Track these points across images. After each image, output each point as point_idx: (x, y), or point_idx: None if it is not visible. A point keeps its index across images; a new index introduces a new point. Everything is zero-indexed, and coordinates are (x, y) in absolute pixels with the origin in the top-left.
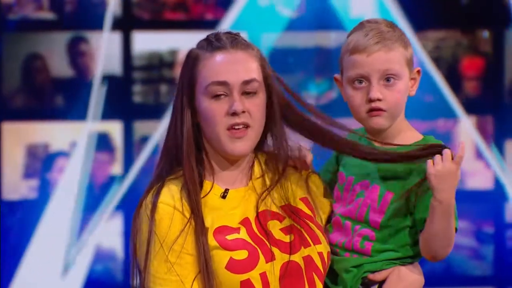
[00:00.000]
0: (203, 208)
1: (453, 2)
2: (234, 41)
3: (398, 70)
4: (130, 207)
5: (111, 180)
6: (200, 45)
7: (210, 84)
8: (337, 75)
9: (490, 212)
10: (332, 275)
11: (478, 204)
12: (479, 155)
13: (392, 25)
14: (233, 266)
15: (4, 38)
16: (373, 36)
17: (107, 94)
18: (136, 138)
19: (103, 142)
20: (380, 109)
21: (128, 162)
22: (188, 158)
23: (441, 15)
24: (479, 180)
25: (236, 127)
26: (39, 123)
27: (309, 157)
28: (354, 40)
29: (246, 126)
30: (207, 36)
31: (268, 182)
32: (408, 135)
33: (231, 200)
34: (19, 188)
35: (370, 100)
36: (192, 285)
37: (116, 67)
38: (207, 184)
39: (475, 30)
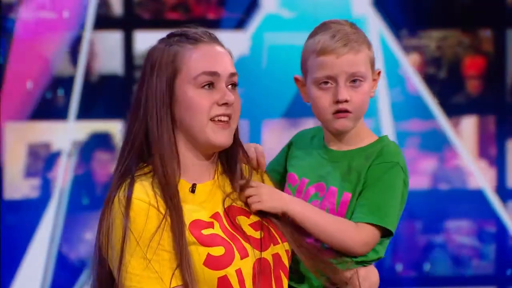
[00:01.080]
0: None
1: (455, 1)
2: (211, 35)
3: (364, 72)
4: None
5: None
6: (172, 40)
7: (201, 74)
8: (298, 76)
9: (492, 211)
10: (294, 273)
11: (480, 203)
12: (481, 154)
13: (356, 27)
14: (211, 262)
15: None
16: (341, 38)
17: (109, 93)
18: None
19: (104, 142)
20: (346, 111)
21: None
22: (169, 152)
23: (443, 14)
24: (481, 179)
25: (223, 118)
26: (40, 122)
27: (262, 152)
28: (321, 42)
29: (230, 117)
30: (174, 32)
31: (230, 178)
32: (364, 137)
33: (200, 194)
34: (20, 187)
35: (338, 102)
36: (170, 281)
37: (117, 66)
38: None
39: (477, 30)
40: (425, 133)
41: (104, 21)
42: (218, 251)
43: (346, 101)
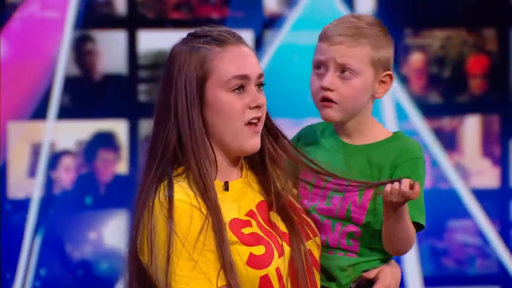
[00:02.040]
0: None
1: (459, 1)
2: (237, 36)
3: (356, 67)
4: None
5: (117, 179)
6: (197, 42)
7: (233, 78)
8: None
9: (496, 210)
10: (323, 273)
11: (484, 202)
12: (484, 153)
13: (374, 24)
14: (254, 262)
15: None
16: (342, 28)
17: (113, 92)
18: (142, 137)
19: (108, 141)
20: (330, 100)
21: (134, 161)
22: (206, 152)
23: (447, 14)
24: (484, 178)
25: (255, 121)
26: (45, 122)
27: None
28: (325, 28)
29: (260, 120)
30: (198, 33)
31: (258, 173)
32: (378, 131)
33: (232, 192)
34: (24, 186)
35: (322, 87)
36: (217, 281)
37: (121, 66)
38: None
39: (481, 29)
40: (428, 132)
41: (108, 20)
42: (259, 250)
43: (329, 89)
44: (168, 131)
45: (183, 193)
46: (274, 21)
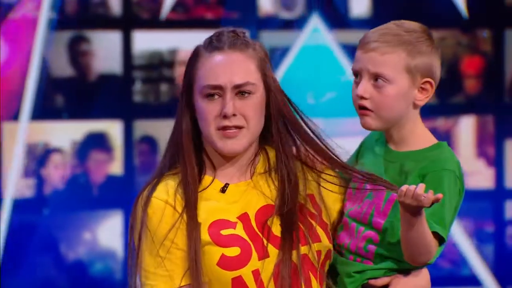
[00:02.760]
0: (200, 203)
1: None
2: (233, 41)
3: (390, 75)
4: (129, 206)
5: (110, 180)
6: (204, 43)
7: (205, 87)
8: None
9: (491, 211)
10: (334, 274)
11: (478, 203)
12: (479, 154)
13: (415, 30)
14: (225, 263)
15: None
16: (377, 35)
17: (107, 93)
18: (136, 138)
19: (102, 142)
20: (365, 108)
21: (128, 161)
22: (187, 153)
23: (441, 14)
24: (479, 179)
25: (228, 129)
26: (39, 122)
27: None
28: (365, 34)
29: (239, 127)
30: (213, 34)
31: (273, 177)
32: (423, 139)
33: (231, 195)
34: (18, 187)
35: (357, 95)
36: (181, 280)
37: (116, 66)
38: (207, 179)
39: (475, 30)
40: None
41: (103, 21)
42: (233, 251)
43: (363, 97)
44: (172, 130)
45: (164, 191)
46: (269, 22)
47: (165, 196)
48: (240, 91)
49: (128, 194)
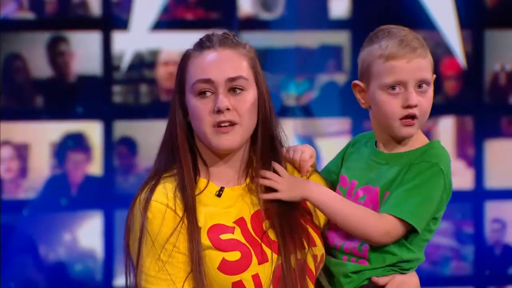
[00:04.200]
0: (197, 206)
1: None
2: (223, 40)
3: (429, 78)
4: (109, 206)
5: (90, 180)
6: (194, 45)
7: (196, 82)
8: (357, 82)
9: (470, 212)
10: (327, 275)
11: (458, 204)
12: (459, 155)
13: (417, 35)
14: (225, 267)
15: None
16: (409, 43)
17: (87, 94)
18: (116, 138)
19: (81, 142)
20: (414, 116)
21: (108, 162)
22: (183, 155)
23: (421, 15)
24: (459, 180)
25: (222, 124)
26: (19, 123)
27: (307, 156)
28: (390, 47)
29: (232, 123)
30: (203, 36)
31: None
32: (416, 140)
33: (227, 199)
34: None
35: (408, 106)
36: (183, 284)
37: (96, 67)
38: (202, 182)
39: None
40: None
41: (82, 22)
42: (233, 256)
43: (416, 105)
44: (165, 131)
45: (163, 194)
46: (248, 23)
47: (165, 199)
48: (233, 86)
49: (107, 194)
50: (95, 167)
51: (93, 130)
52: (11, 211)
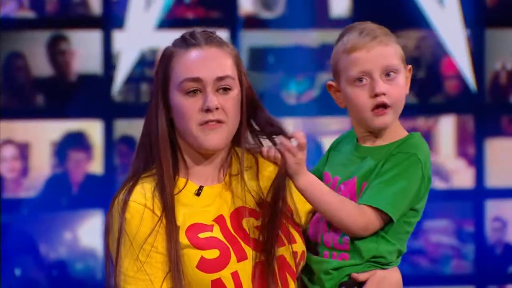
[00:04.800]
0: (176, 205)
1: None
2: (208, 38)
3: (397, 65)
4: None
5: (90, 179)
6: (175, 43)
7: (184, 81)
8: (331, 82)
9: (471, 210)
10: (308, 273)
11: (459, 202)
12: (459, 153)
13: (380, 26)
14: (204, 266)
15: None
16: (368, 33)
17: (88, 92)
18: (116, 137)
19: (82, 141)
20: (385, 104)
21: (108, 161)
22: (164, 154)
23: (422, 14)
24: (459, 178)
25: (211, 123)
26: (19, 122)
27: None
28: (350, 40)
29: (220, 122)
30: (183, 34)
31: (246, 179)
32: (396, 133)
33: (206, 197)
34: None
35: (376, 95)
36: (162, 284)
37: (96, 65)
38: (181, 181)
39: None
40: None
41: (83, 21)
42: (212, 254)
43: (384, 94)
44: (144, 131)
45: (141, 194)
46: (249, 22)
47: (143, 199)
48: (221, 85)
49: (108, 193)
50: (96, 166)
51: (93, 129)
52: (12, 210)
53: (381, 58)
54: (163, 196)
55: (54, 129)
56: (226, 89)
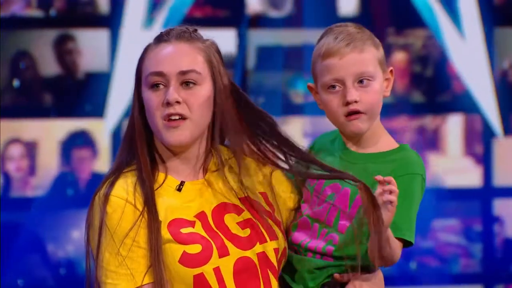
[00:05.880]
0: (157, 200)
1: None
2: (181, 34)
3: (372, 71)
4: None
5: (98, 178)
6: (154, 38)
7: (149, 75)
8: (310, 84)
9: (479, 210)
10: (290, 272)
11: (467, 202)
12: (467, 152)
13: (361, 27)
14: (186, 260)
15: None
16: (343, 38)
17: (95, 91)
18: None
19: (89, 140)
20: (358, 112)
21: (115, 158)
22: (140, 148)
23: (430, 11)
24: (467, 177)
25: (172, 117)
26: (27, 120)
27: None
28: (325, 45)
29: (183, 117)
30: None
31: (227, 175)
32: (384, 142)
33: (187, 193)
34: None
35: (347, 103)
36: (143, 278)
37: (104, 64)
38: (160, 176)
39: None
40: (411, 131)
41: (90, 20)
42: (194, 249)
43: (356, 101)
44: (127, 127)
45: (123, 188)
46: (257, 21)
47: (124, 194)
48: (185, 80)
49: None
50: (103, 164)
51: (100, 128)
52: (19, 208)
53: (354, 65)
54: (143, 189)
55: (61, 128)
56: (192, 84)
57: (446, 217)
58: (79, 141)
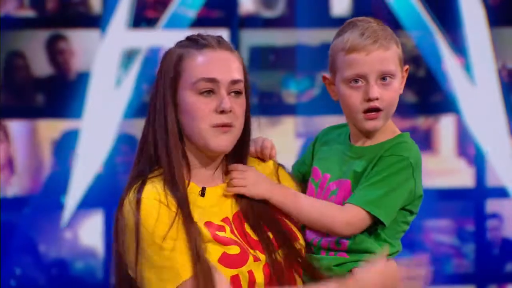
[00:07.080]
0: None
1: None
2: (221, 41)
3: (394, 69)
4: (110, 205)
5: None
6: (182, 44)
7: (199, 80)
8: (326, 74)
9: (472, 210)
10: (310, 271)
11: (459, 202)
12: (459, 153)
13: (382, 24)
14: (226, 261)
15: None
16: (370, 35)
17: (87, 92)
18: (117, 136)
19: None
20: (377, 109)
21: (109, 159)
22: (175, 153)
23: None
24: (460, 178)
25: (225, 126)
26: (20, 121)
27: (274, 150)
28: (350, 40)
29: (231, 125)
30: (189, 36)
31: None
32: (386, 132)
33: (210, 198)
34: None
35: (369, 100)
36: (187, 273)
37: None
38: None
39: (457, 28)
40: (404, 131)
41: (83, 20)
42: (233, 250)
43: (377, 98)
44: (147, 132)
45: (154, 191)
46: (249, 21)
47: (156, 195)
48: (234, 89)
49: (108, 192)
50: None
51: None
52: (12, 209)
53: (379, 63)
54: (175, 193)
55: (54, 128)
56: (238, 93)
57: (439, 217)
58: (73, 141)
